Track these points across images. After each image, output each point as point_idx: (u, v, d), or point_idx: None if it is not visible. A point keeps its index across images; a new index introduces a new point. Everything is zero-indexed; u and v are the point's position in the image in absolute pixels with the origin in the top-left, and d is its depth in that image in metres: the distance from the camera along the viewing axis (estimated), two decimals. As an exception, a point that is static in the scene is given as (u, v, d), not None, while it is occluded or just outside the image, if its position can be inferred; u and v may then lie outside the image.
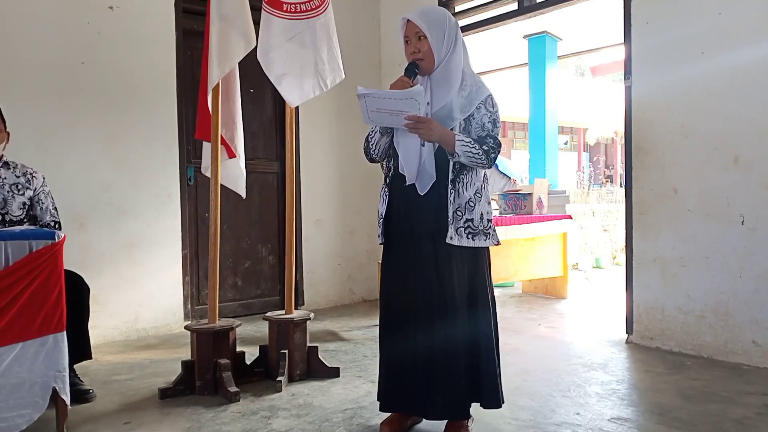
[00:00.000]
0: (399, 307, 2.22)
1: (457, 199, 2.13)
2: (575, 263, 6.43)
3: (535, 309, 4.73)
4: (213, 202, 2.96)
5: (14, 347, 2.11)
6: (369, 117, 2.11)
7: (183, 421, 2.46)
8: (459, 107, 2.13)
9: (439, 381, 2.13)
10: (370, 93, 2.05)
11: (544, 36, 7.66)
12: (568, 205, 6.05)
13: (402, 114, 2.04)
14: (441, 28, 2.15)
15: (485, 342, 2.18)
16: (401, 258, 2.22)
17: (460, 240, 2.12)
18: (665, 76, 3.42)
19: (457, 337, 2.13)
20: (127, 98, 3.92)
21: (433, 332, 2.13)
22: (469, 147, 2.07)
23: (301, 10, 2.93)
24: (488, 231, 2.19)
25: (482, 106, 2.15)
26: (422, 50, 2.15)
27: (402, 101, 2.02)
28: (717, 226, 3.24)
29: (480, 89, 2.17)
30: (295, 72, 2.94)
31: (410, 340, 2.17)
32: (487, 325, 2.20)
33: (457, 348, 2.13)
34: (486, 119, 2.15)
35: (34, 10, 3.60)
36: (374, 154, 2.28)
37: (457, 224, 2.12)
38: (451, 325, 2.13)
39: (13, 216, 2.64)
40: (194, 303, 4.26)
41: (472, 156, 2.08)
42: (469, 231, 2.13)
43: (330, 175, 4.97)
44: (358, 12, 5.13)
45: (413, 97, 2.01)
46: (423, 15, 2.17)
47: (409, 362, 2.17)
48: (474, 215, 2.14)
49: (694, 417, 2.42)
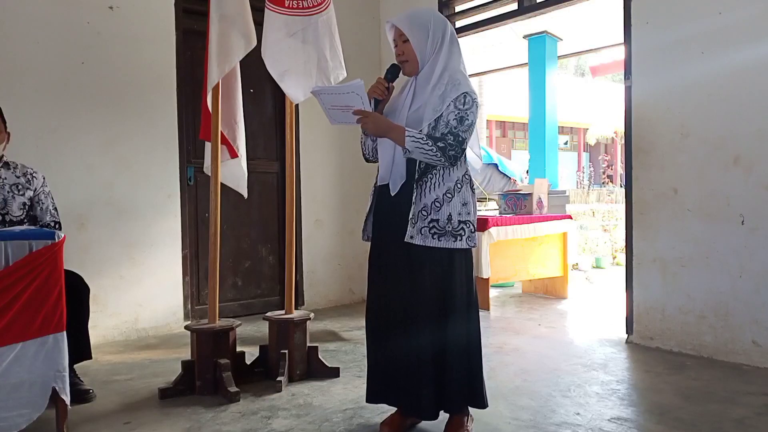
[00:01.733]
0: (378, 308, 2.26)
1: (422, 198, 2.11)
2: (575, 263, 6.42)
3: (535, 309, 4.73)
4: (213, 202, 2.96)
5: (14, 347, 2.11)
6: (330, 116, 2.21)
7: (183, 421, 2.46)
8: (432, 107, 2.12)
9: (409, 383, 2.15)
10: (320, 90, 2.15)
11: (544, 36, 7.66)
12: (568, 205, 6.05)
13: (350, 109, 2.10)
14: (425, 30, 2.15)
15: (454, 347, 2.16)
16: (380, 259, 2.26)
17: (423, 240, 2.09)
18: (665, 76, 3.42)
19: (424, 340, 2.13)
20: (127, 98, 3.92)
21: (406, 333, 2.15)
22: (420, 143, 2.04)
23: (303, 6, 2.93)
24: (458, 232, 2.12)
25: (452, 104, 2.09)
26: (406, 52, 2.18)
27: (347, 95, 2.08)
28: (717, 226, 3.24)
29: (455, 87, 2.11)
30: (297, 69, 2.94)
31: (388, 339, 2.20)
32: (461, 329, 2.17)
33: (423, 352, 2.13)
34: (452, 116, 2.08)
35: (34, 10, 3.60)
36: (366, 154, 2.35)
37: (420, 224, 2.10)
38: (420, 329, 2.13)
39: (13, 216, 2.64)
40: (194, 303, 4.26)
41: (425, 152, 2.05)
42: (435, 231, 2.10)
43: (330, 175, 4.97)
44: (358, 12, 5.13)
45: (353, 91, 2.06)
46: (407, 18, 2.18)
47: (390, 362, 2.21)
48: (440, 215, 2.10)
49: (694, 417, 2.42)
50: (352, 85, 2.05)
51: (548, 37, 7.70)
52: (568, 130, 21.58)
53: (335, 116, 2.20)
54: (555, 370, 3.10)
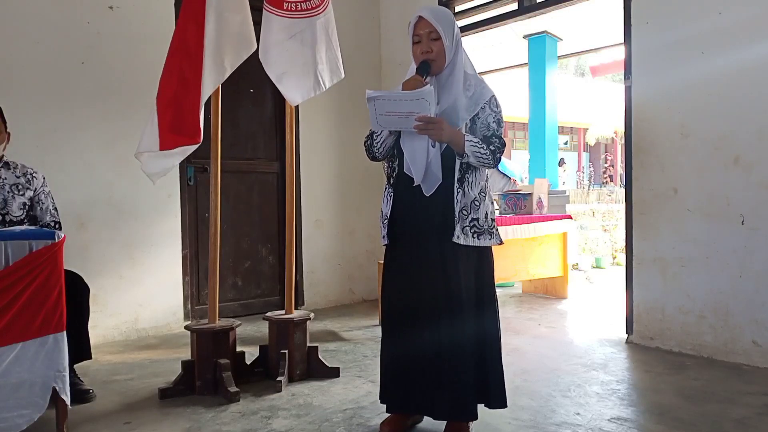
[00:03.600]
0: (403, 307, 2.21)
1: (464, 198, 2.13)
2: (575, 263, 6.43)
3: (535, 309, 4.73)
4: (213, 202, 2.96)
5: (14, 347, 2.11)
6: (378, 122, 2.07)
7: (183, 421, 2.46)
8: (464, 107, 2.13)
9: (446, 381, 2.12)
10: (379, 96, 2.01)
11: (544, 36, 7.67)
12: (568, 205, 6.05)
13: (412, 115, 2.00)
14: (452, 29, 2.17)
15: (491, 342, 2.19)
16: (406, 258, 2.21)
17: (466, 239, 2.12)
18: (665, 76, 3.42)
19: (464, 336, 2.12)
20: (127, 98, 3.92)
21: (439, 332, 2.12)
22: (478, 147, 2.08)
23: (301, 9, 2.92)
24: (492, 230, 2.20)
25: (487, 107, 2.16)
26: (435, 50, 2.14)
27: (412, 102, 1.99)
28: (717, 226, 3.24)
29: (484, 89, 2.18)
30: (295, 71, 2.94)
31: (416, 340, 2.16)
32: (493, 324, 2.20)
33: (464, 348, 2.13)
34: (491, 119, 2.16)
35: (34, 10, 3.60)
36: (378, 153, 2.25)
37: (463, 223, 2.12)
38: (458, 325, 2.12)
39: (13, 216, 2.64)
40: (194, 303, 4.26)
41: (480, 156, 2.09)
42: (475, 230, 2.14)
43: (330, 175, 4.97)
44: (358, 12, 5.13)
45: (424, 98, 1.98)
46: (436, 15, 2.15)
47: (415, 362, 2.17)
48: (479, 214, 2.15)
49: (694, 417, 2.42)
50: (422, 92, 1.98)
51: (548, 37, 7.71)
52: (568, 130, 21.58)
53: (385, 122, 2.08)
54: (555, 370, 3.10)
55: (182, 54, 2.80)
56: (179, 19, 2.87)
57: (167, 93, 2.78)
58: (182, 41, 2.81)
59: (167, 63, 2.83)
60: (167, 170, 2.93)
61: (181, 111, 2.76)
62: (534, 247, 4.89)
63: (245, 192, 4.54)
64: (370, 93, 2.00)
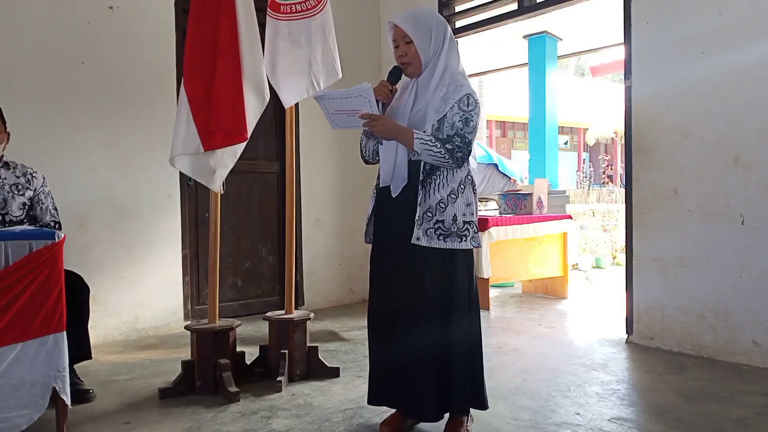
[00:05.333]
0: (381, 309, 2.25)
1: (427, 200, 2.12)
2: (575, 263, 6.42)
3: (535, 309, 4.73)
4: (213, 202, 2.96)
5: (14, 347, 2.11)
6: (333, 120, 2.18)
7: (183, 421, 2.46)
8: (434, 108, 2.13)
9: (416, 384, 2.14)
10: (325, 95, 2.12)
11: (544, 36, 7.66)
12: (568, 205, 6.05)
13: (356, 113, 2.09)
14: (427, 31, 2.15)
15: (457, 348, 2.16)
16: (382, 261, 2.25)
17: (429, 241, 2.10)
18: (665, 76, 3.42)
19: (427, 342, 2.13)
20: (127, 98, 3.92)
21: (409, 335, 2.14)
22: (429, 145, 2.05)
23: (297, 10, 2.94)
24: (463, 233, 2.14)
25: (455, 105, 2.11)
26: (409, 54, 2.17)
27: (354, 99, 2.07)
28: (717, 226, 3.24)
29: (457, 89, 2.13)
30: (289, 72, 2.96)
31: (393, 342, 2.19)
32: (463, 330, 2.18)
33: (426, 353, 2.13)
34: (457, 117, 2.10)
35: (34, 10, 3.60)
36: (366, 156, 2.34)
37: (426, 225, 2.10)
38: (423, 330, 2.13)
39: (13, 216, 2.64)
40: (194, 303, 4.26)
41: (433, 154, 2.06)
42: (440, 232, 2.11)
43: (330, 175, 4.97)
44: (358, 12, 5.13)
45: (361, 95, 2.05)
46: (410, 18, 2.17)
47: (393, 365, 2.21)
48: (445, 216, 2.12)
49: (694, 417, 2.42)
50: (360, 89, 2.03)
51: (548, 37, 7.70)
52: (568, 130, 21.57)
53: (338, 121, 2.18)
54: (555, 370, 3.10)
55: (213, 49, 2.73)
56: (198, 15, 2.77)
57: (199, 90, 2.72)
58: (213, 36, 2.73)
59: (192, 59, 2.76)
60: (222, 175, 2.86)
61: (221, 107, 2.71)
62: (534, 247, 4.89)
63: (245, 192, 4.54)
64: (317, 93, 2.10)
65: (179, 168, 2.86)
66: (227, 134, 2.75)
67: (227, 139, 2.76)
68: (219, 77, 2.72)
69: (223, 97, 2.71)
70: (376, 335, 2.28)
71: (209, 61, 2.73)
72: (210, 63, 2.73)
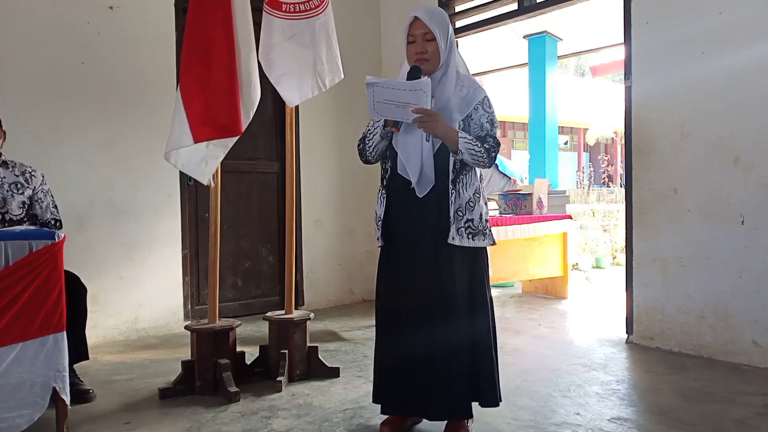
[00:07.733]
0: (399, 308, 2.21)
1: (458, 199, 2.13)
2: (575, 263, 6.42)
3: (535, 309, 4.73)
4: (213, 202, 2.96)
5: (14, 347, 2.11)
6: (375, 109, 2.08)
7: (183, 421, 2.46)
8: (457, 108, 2.14)
9: (439, 381, 2.13)
10: (378, 82, 2.04)
11: (544, 36, 7.68)
12: (568, 205, 6.05)
13: (408, 106, 2.02)
14: (446, 30, 2.17)
15: (484, 342, 2.18)
16: (401, 259, 2.21)
17: (461, 240, 2.12)
18: (665, 76, 3.42)
19: (457, 337, 2.13)
20: (127, 98, 3.92)
21: (433, 333, 2.13)
22: (472, 144, 2.08)
23: (300, 10, 2.93)
24: (486, 231, 2.21)
25: (479, 107, 2.16)
26: (430, 51, 2.14)
27: (410, 92, 2.02)
28: (717, 226, 3.24)
29: (477, 90, 2.18)
30: (293, 72, 2.95)
31: (410, 341, 2.16)
32: (486, 325, 2.20)
33: (457, 348, 2.13)
34: (484, 119, 2.16)
35: (34, 10, 3.60)
36: (370, 156, 2.27)
37: (458, 224, 2.12)
38: (452, 326, 2.12)
39: (12, 215, 2.64)
40: (194, 303, 4.26)
41: (475, 154, 2.09)
42: (470, 231, 2.14)
43: (330, 175, 4.97)
44: (358, 12, 5.13)
45: (422, 89, 2.00)
46: (431, 15, 2.15)
47: (409, 363, 2.17)
48: (474, 215, 2.15)
49: (694, 417, 2.42)
50: (420, 83, 2.01)
51: (548, 37, 7.71)
52: (568, 130, 21.58)
53: (382, 110, 2.08)
54: (555, 370, 3.10)
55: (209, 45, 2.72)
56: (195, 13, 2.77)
57: (192, 84, 2.71)
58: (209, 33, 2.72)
59: (188, 54, 2.75)
60: (212, 168, 2.82)
61: (214, 100, 2.70)
62: (534, 247, 4.89)
63: (245, 192, 4.54)
64: (369, 79, 2.03)
65: (172, 162, 2.82)
66: (221, 127, 2.72)
67: (220, 132, 2.73)
68: (214, 72, 2.71)
69: (217, 92, 2.70)
70: (391, 336, 2.22)
71: (205, 57, 2.72)
72: (205, 58, 2.72)
